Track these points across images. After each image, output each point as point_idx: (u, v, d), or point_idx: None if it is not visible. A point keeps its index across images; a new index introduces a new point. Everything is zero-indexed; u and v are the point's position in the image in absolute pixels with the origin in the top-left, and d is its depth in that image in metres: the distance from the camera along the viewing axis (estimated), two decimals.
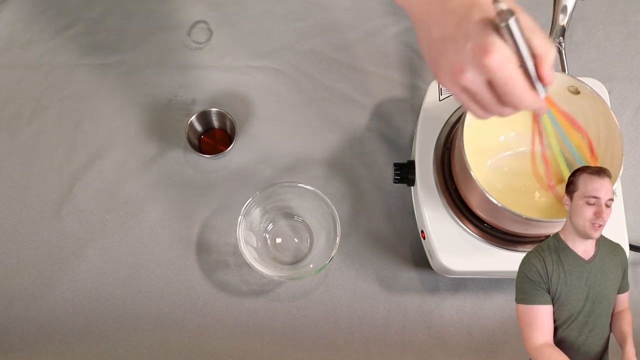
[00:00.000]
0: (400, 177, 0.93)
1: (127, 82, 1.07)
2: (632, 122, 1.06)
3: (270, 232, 1.00)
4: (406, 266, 0.99)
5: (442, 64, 0.64)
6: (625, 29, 1.11)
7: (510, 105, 0.64)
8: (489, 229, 0.88)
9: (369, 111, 1.06)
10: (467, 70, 0.62)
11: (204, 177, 1.02)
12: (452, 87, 0.65)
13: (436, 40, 0.64)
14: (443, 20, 0.63)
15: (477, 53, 0.60)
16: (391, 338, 0.96)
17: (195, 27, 1.10)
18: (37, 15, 1.10)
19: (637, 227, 1.01)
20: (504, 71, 0.61)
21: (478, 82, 0.62)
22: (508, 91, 0.62)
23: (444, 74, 0.65)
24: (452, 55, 0.63)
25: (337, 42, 1.09)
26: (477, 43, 0.60)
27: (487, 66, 0.60)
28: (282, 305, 0.97)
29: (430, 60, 0.66)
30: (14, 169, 1.02)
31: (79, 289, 0.97)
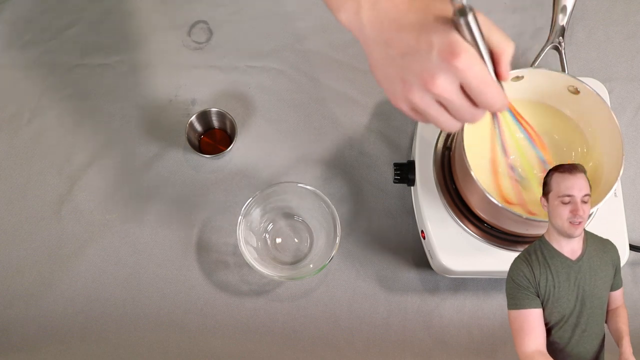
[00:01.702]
0: (400, 177, 0.93)
1: (127, 82, 1.07)
2: (632, 122, 1.06)
3: (270, 232, 1.00)
4: (406, 266, 0.99)
5: (407, 80, 0.62)
6: (625, 29, 1.11)
7: (484, 105, 0.62)
8: (489, 229, 0.88)
9: (369, 111, 1.06)
10: (438, 77, 0.60)
11: (204, 177, 1.02)
12: (420, 101, 0.63)
13: (395, 59, 0.62)
14: (400, 36, 0.62)
15: (446, 56, 0.59)
16: (391, 338, 0.96)
17: (195, 27, 1.10)
18: (37, 15, 1.10)
19: (637, 227, 1.01)
20: (474, 70, 0.60)
21: (451, 88, 0.61)
22: (482, 90, 0.61)
23: (405, 91, 0.63)
24: (418, 66, 0.61)
25: (337, 42, 1.09)
26: (443, 47, 0.59)
27: (457, 67, 0.59)
28: (282, 306, 0.97)
29: (386, 81, 0.65)
30: (14, 169, 1.02)
31: (79, 289, 0.97)
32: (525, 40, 1.10)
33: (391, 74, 0.64)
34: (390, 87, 0.65)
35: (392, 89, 0.65)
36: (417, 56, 0.61)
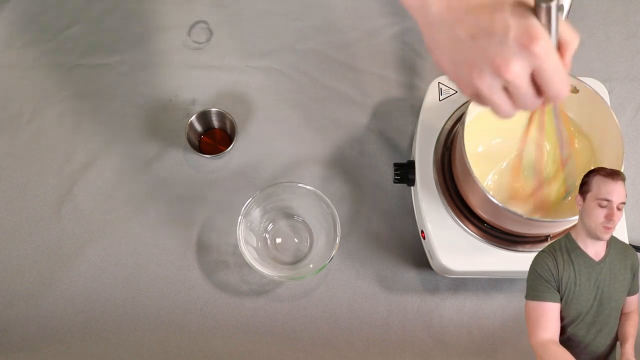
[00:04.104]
0: (400, 177, 0.93)
1: (127, 82, 1.07)
2: (632, 122, 1.06)
3: (270, 232, 1.00)
4: (406, 266, 0.99)
5: (476, 64, 0.58)
6: (625, 29, 1.11)
7: (553, 93, 0.59)
8: (489, 229, 0.88)
9: (369, 111, 1.06)
10: (513, 63, 0.56)
11: (204, 177, 1.02)
12: (489, 87, 0.59)
13: (464, 41, 0.58)
14: (471, 17, 0.58)
15: (524, 41, 0.55)
16: (391, 338, 0.96)
17: (195, 27, 1.10)
18: (37, 15, 1.10)
19: (637, 227, 1.01)
20: (551, 57, 0.57)
21: (524, 74, 0.57)
22: (555, 79, 0.58)
23: (473, 76, 0.59)
24: (491, 50, 0.57)
25: (337, 42, 1.09)
26: (521, 31, 0.55)
27: (535, 53, 0.55)
28: (282, 305, 0.97)
29: (450, 65, 0.61)
30: (14, 169, 1.02)
31: (79, 289, 0.97)
32: None
33: (457, 57, 0.60)
34: (454, 71, 0.61)
35: (457, 73, 0.61)
36: (490, 39, 0.57)
